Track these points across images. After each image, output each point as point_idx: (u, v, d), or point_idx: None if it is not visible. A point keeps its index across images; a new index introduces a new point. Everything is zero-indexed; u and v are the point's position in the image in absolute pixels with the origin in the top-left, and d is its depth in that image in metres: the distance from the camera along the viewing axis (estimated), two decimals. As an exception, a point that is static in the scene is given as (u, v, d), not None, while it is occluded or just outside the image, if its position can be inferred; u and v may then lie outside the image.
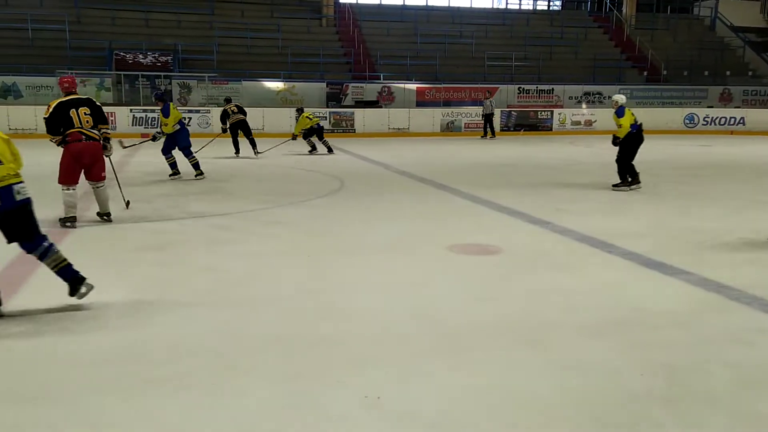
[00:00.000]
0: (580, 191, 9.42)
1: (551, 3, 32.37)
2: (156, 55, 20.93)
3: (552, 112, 22.65)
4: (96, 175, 6.71)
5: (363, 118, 20.61)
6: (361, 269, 5.15)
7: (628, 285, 4.70)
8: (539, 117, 22.47)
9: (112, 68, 20.53)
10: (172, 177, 10.34)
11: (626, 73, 25.68)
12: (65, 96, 6.54)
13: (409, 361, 3.30)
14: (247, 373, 3.14)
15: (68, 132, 6.42)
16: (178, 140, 10.42)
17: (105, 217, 6.89)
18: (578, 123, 22.68)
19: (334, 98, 21.45)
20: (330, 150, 14.78)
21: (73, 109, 6.45)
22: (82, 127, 6.45)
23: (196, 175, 10.32)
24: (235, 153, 14.13)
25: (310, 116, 14.95)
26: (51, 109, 6.42)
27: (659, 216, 7.49)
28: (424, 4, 28.82)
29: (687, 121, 22.89)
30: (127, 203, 7.57)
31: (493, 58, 24.43)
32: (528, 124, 22.21)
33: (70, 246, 5.74)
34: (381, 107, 21.56)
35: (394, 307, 4.18)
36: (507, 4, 31.28)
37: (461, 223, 7.09)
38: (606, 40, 27.77)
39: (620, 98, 9.46)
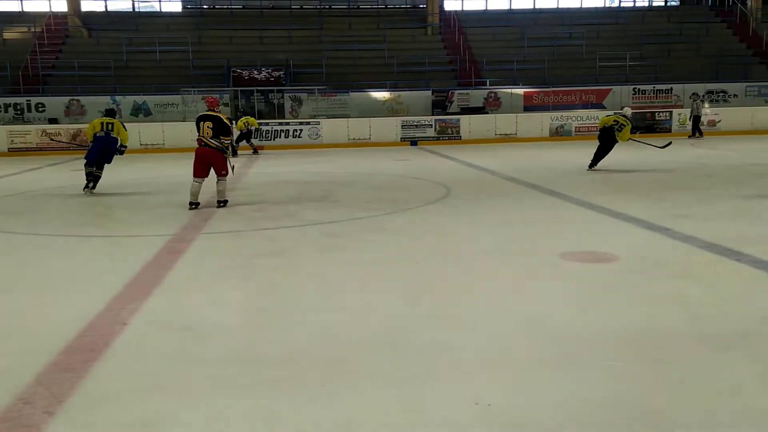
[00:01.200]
0: (704, 196, 8.88)
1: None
2: (269, 71, 21.95)
3: (671, 112, 21.49)
4: (217, 171, 8.61)
5: (469, 124, 20.52)
6: (469, 276, 5.13)
7: (758, 295, 4.38)
8: (656, 118, 21.38)
9: (230, 84, 21.74)
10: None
11: (753, 69, 23.91)
12: (205, 111, 8.74)
13: (520, 370, 3.26)
14: (357, 375, 3.23)
15: (197, 138, 8.60)
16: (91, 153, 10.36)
17: (221, 204, 8.69)
18: (702, 123, 21.35)
19: (439, 105, 21.52)
20: (255, 151, 18.14)
21: (202, 122, 8.54)
22: (203, 136, 8.49)
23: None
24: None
25: (247, 121, 17.72)
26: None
27: (793, 221, 6.92)
28: (532, 7, 28.31)
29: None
30: (233, 168, 9.00)
31: (605, 58, 23.56)
32: (644, 126, 21.17)
33: (194, 252, 6.15)
34: (487, 113, 21.37)
35: (503, 314, 4.14)
36: (620, 2, 30.09)
37: (573, 229, 6.89)
38: (730, 35, 26.01)
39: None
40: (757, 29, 25.65)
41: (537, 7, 28.38)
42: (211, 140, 8.45)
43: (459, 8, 28.01)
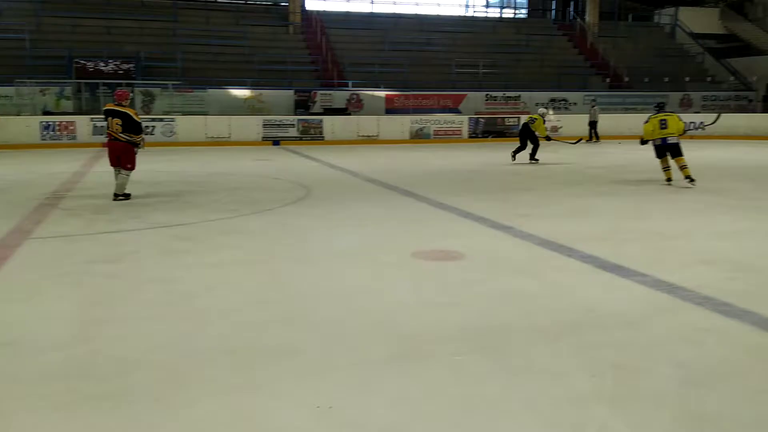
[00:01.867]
0: (545, 196, 9.53)
1: (517, 11, 32.81)
2: (117, 63, 20.64)
3: (519, 118, 22.86)
4: (122, 164, 8.74)
5: (332, 125, 20.59)
6: (320, 277, 5.12)
7: (584, 288, 4.75)
8: (506, 123, 22.68)
9: (72, 76, 20.19)
10: None
11: (590, 79, 26.11)
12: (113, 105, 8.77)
13: (364, 370, 3.28)
14: (194, 387, 3.09)
15: (107, 132, 8.83)
16: None
17: (119, 197, 8.73)
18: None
19: (302, 106, 21.40)
20: None
21: (110, 117, 8.66)
22: (112, 131, 8.67)
23: None
24: None
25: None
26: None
27: (618, 218, 7.61)
28: (393, 11, 28.99)
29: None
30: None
31: (461, 65, 24.63)
32: (495, 130, 22.40)
33: (18, 260, 5.62)
34: (350, 114, 21.56)
35: (352, 315, 4.16)
36: (474, 12, 31.62)
37: (426, 229, 7.10)
38: (570, 48, 28.21)
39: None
40: (594, 43, 28.04)
41: (397, 12, 29.10)
42: (121, 135, 8.63)
43: (321, 8, 28.04)
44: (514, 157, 14.27)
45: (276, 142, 19.73)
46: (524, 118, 15.77)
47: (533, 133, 14.21)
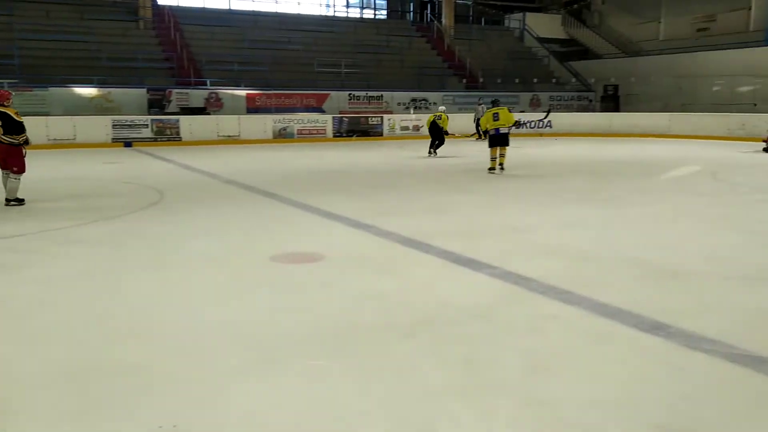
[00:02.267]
0: (405, 194, 9.72)
1: (377, 12, 33.36)
2: (-57, 59, 18.49)
3: (382, 117, 23.28)
4: (9, 167, 8.24)
5: (189, 125, 19.76)
6: (170, 287, 4.84)
7: (439, 283, 4.87)
8: (370, 123, 22.98)
9: None
10: None
11: (448, 80, 27.11)
12: None
13: (213, 383, 3.12)
14: (23, 416, 2.78)
15: None
16: None
17: (10, 203, 8.27)
18: (407, 128, 23.50)
19: (156, 105, 20.34)
20: None
21: None
22: None
23: None
24: None
25: None
26: None
27: (474, 214, 7.92)
28: (251, 9, 28.37)
29: (503, 125, 24.66)
30: None
31: (323, 64, 24.60)
32: (359, 129, 22.62)
33: None
34: (209, 114, 20.81)
35: (202, 324, 3.96)
36: (335, 11, 31.74)
37: (286, 231, 6.97)
38: (429, 49, 29.12)
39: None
40: (450, 45, 29.14)
41: (256, 9, 28.52)
42: (3, 137, 8.15)
43: (174, 3, 26.82)
44: (434, 152, 15.69)
45: (128, 144, 18.60)
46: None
47: (440, 129, 15.63)
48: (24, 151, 8.40)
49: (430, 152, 15.71)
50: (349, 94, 23.88)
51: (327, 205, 8.40)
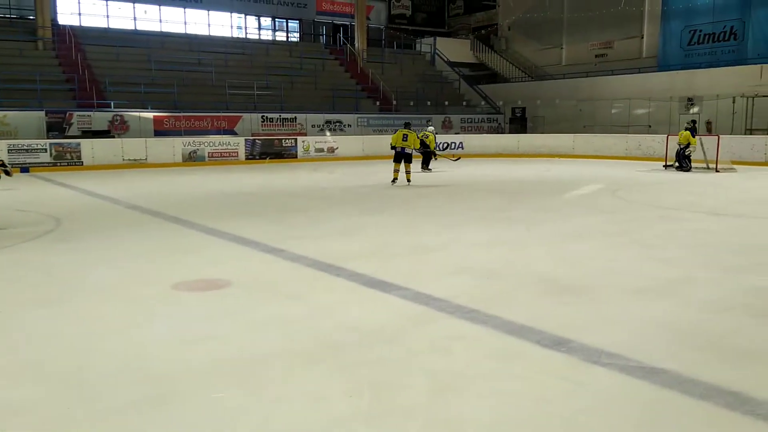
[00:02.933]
0: (319, 216, 9.62)
1: (289, 35, 33.30)
2: None
3: (296, 139, 23.12)
4: None
5: (92, 149, 18.87)
6: (63, 321, 4.53)
7: (349, 307, 4.81)
8: (284, 145, 22.77)
9: None
10: None
11: (362, 102, 27.33)
12: None
13: (106, 421, 2.92)
14: None
15: None
16: None
17: None
18: (321, 150, 23.45)
19: (56, 128, 19.32)
20: None
21: None
22: None
23: None
24: None
25: None
26: None
27: (387, 235, 7.93)
28: (158, 30, 27.65)
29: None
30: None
31: (234, 86, 24.22)
32: (273, 152, 22.36)
33: None
34: (113, 137, 19.97)
35: (97, 359, 3.72)
36: (246, 33, 31.43)
37: (192, 258, 6.72)
38: (342, 72, 29.30)
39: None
40: (364, 67, 29.43)
41: (164, 30, 27.81)
42: None
43: (76, 23, 25.76)
44: (428, 169, 17.49)
45: (24, 169, 17.51)
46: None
47: (428, 147, 17.40)
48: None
49: (424, 168, 17.54)
50: (262, 116, 23.60)
51: (236, 229, 8.19)
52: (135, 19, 28.10)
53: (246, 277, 5.75)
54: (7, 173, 8.90)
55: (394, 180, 13.82)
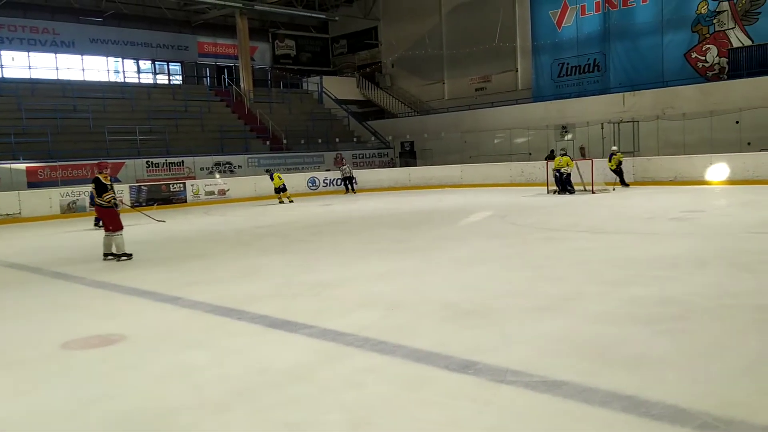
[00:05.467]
0: (214, 260, 9.35)
1: (171, 77, 32.56)
2: None
3: (185, 183, 22.46)
4: (105, 227, 9.67)
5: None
6: (-64, 394, 4.10)
7: (255, 349, 4.70)
8: (172, 190, 22.04)
9: None
10: None
11: (251, 142, 27.06)
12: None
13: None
14: None
15: None
16: None
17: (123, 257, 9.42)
18: (212, 193, 22.91)
19: None
20: None
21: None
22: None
23: None
24: None
25: None
26: None
27: (287, 274, 7.83)
28: (27, 77, 26.19)
29: (310, 184, 25.06)
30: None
31: (114, 132, 23.26)
32: (161, 197, 21.58)
33: None
34: (-16, 192, 18.53)
35: (-22, 434, 3.39)
36: (125, 77, 30.41)
37: (80, 314, 6.31)
38: (229, 113, 28.94)
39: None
40: (251, 108, 29.23)
41: (34, 77, 26.37)
42: (97, 199, 9.66)
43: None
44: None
45: None
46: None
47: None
48: (117, 211, 9.70)
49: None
50: (147, 161, 22.79)
51: (127, 280, 7.80)
52: (1, 66, 26.48)
53: (142, 329, 5.47)
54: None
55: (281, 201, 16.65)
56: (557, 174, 18.02)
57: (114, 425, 3.40)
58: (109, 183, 9.87)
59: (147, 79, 31.39)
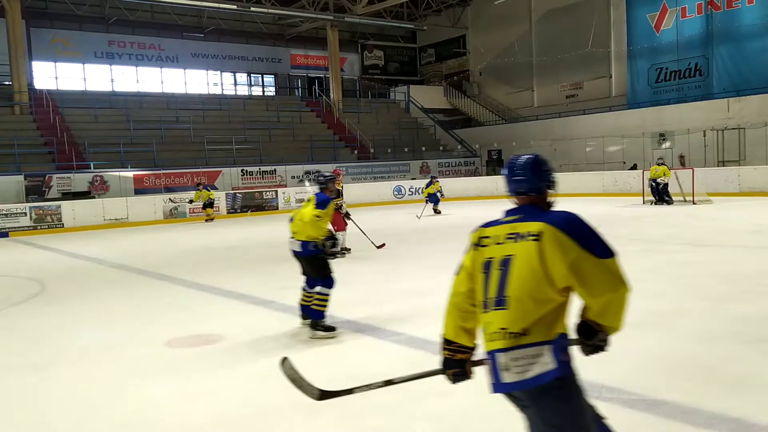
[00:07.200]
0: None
1: (265, 89, 33.76)
2: None
3: (276, 191, 23.21)
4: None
5: (72, 210, 18.74)
6: (59, 385, 4.46)
7: (345, 354, 4.79)
8: (264, 197, 22.83)
9: None
10: None
11: (340, 151, 27.63)
12: None
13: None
14: None
15: None
16: None
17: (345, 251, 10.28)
18: (302, 200, 23.44)
19: (35, 191, 19.22)
20: None
21: None
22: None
23: None
24: None
25: None
26: None
27: (375, 282, 7.93)
28: (135, 90, 27.93)
29: (396, 193, 25.25)
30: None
31: (213, 141, 24.39)
32: (254, 204, 22.40)
33: None
34: (93, 197, 19.90)
35: (96, 425, 3.65)
36: (223, 90, 31.82)
37: (181, 314, 6.66)
38: (319, 123, 29.69)
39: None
40: (340, 118, 29.88)
41: (141, 90, 28.10)
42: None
43: (53, 87, 25.95)
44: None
45: (4, 234, 17.34)
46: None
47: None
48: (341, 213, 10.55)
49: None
50: (242, 169, 23.74)
51: (223, 283, 8.15)
52: (112, 80, 28.38)
53: (237, 330, 5.70)
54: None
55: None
56: (653, 184, 17.27)
57: (213, 421, 3.57)
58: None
59: (243, 90, 32.71)
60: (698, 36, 24.42)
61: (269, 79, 33.89)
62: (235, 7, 26.09)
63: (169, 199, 20.57)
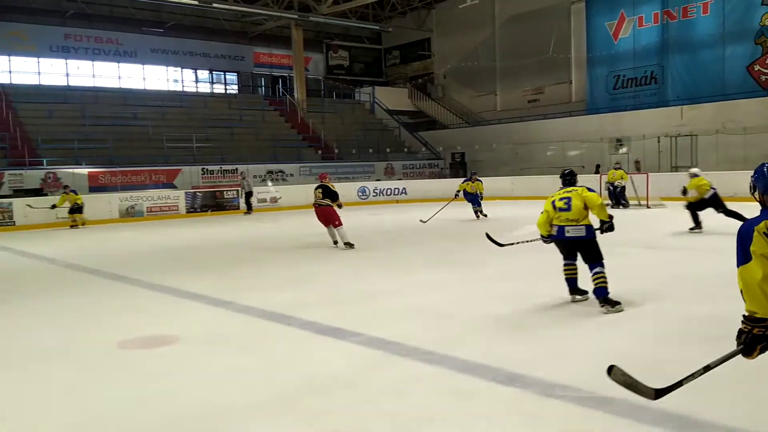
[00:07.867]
0: (265, 267, 9.52)
1: (227, 87, 33.37)
2: None
3: (238, 190, 22.92)
4: (332, 224, 11.01)
5: (24, 208, 18.19)
6: (9, 387, 4.31)
7: (303, 355, 4.76)
8: (225, 197, 22.55)
9: None
10: None
11: (304, 151, 27.47)
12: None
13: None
14: None
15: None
16: None
17: (349, 245, 10.83)
18: (264, 200, 23.31)
19: (-15, 188, 18.60)
20: None
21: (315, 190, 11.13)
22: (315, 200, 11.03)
23: None
24: None
25: None
26: None
27: (336, 283, 7.90)
28: (91, 85, 27.28)
29: (360, 193, 25.21)
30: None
31: (172, 139, 23.97)
32: (215, 204, 22.10)
33: None
34: (46, 195, 19.34)
35: (48, 424, 3.54)
36: (183, 86, 31.32)
37: (136, 315, 6.52)
38: (283, 122, 29.46)
39: None
40: (304, 117, 29.69)
41: (97, 85, 27.46)
42: (321, 201, 10.98)
43: (6, 81, 25.20)
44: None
45: (-48, 232, 16.74)
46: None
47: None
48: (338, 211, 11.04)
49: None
50: (203, 168, 23.40)
51: (181, 284, 8.01)
52: (68, 75, 27.65)
53: (194, 331, 5.61)
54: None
55: None
56: (611, 187, 17.64)
57: (167, 424, 3.50)
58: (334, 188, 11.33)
59: (204, 88, 32.25)
60: (654, 45, 25.05)
61: (232, 77, 33.50)
62: (196, 2, 25.70)
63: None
